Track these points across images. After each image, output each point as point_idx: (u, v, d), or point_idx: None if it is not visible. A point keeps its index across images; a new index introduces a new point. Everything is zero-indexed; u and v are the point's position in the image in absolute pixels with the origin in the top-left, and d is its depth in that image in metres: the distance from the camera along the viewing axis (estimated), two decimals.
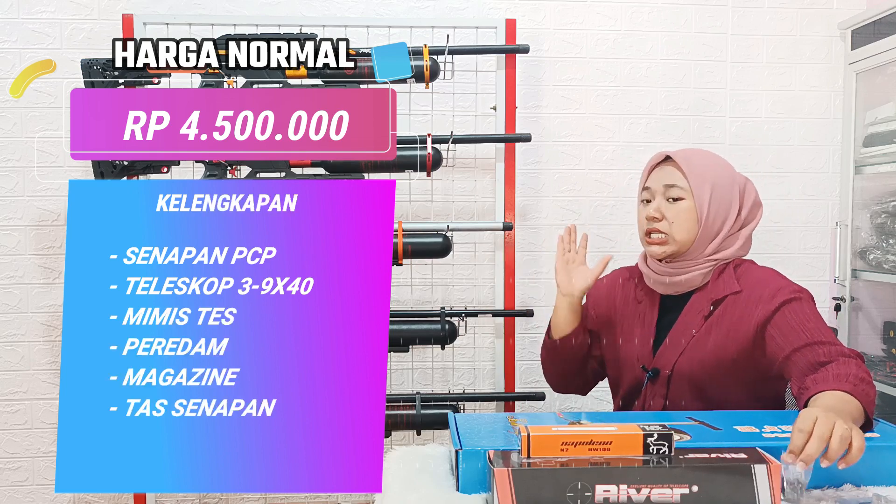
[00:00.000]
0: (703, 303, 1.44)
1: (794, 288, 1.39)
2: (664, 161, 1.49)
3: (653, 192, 1.48)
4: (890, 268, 2.28)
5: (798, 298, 1.37)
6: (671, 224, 1.44)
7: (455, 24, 2.24)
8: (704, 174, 1.45)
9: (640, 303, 1.53)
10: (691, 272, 1.45)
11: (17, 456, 2.37)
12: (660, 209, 1.46)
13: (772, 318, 1.36)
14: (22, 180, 2.32)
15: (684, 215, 1.44)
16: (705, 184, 1.44)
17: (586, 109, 2.46)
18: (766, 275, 1.44)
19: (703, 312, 1.43)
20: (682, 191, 1.44)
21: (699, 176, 1.44)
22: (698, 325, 1.43)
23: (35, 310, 2.35)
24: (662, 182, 1.47)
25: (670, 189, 1.45)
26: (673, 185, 1.45)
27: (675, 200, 1.45)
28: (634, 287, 1.56)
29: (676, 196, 1.45)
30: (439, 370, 2.41)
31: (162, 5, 2.31)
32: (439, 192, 2.37)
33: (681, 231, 1.44)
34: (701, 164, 1.46)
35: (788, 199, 2.53)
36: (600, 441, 0.99)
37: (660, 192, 1.47)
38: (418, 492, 1.08)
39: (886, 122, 2.33)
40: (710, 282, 1.45)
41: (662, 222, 1.45)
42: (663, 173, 1.47)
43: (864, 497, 1.00)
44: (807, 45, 2.52)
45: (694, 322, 1.43)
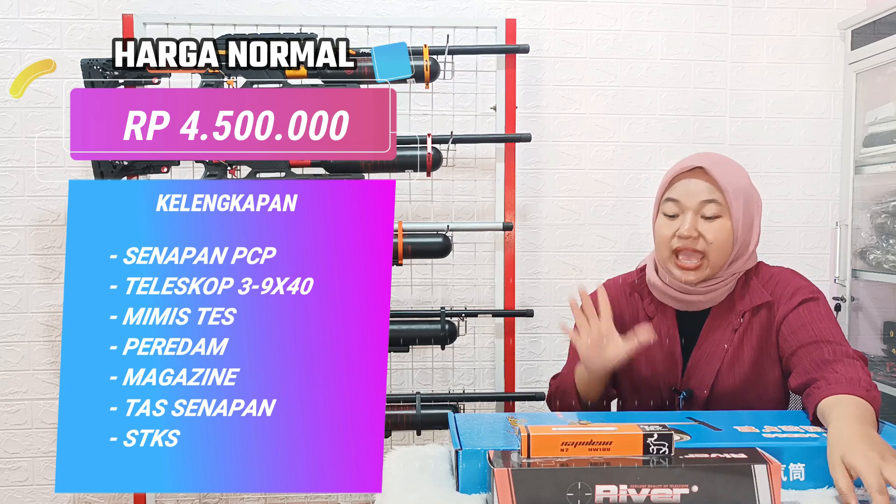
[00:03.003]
0: (731, 315, 1.36)
1: (812, 288, 1.36)
2: (692, 170, 1.34)
3: (682, 206, 1.34)
4: (890, 268, 2.28)
5: (815, 298, 1.34)
6: (709, 244, 1.32)
7: (455, 24, 2.24)
8: (737, 187, 1.33)
9: (653, 318, 1.42)
10: (718, 291, 1.36)
11: (17, 456, 2.37)
12: (695, 227, 1.32)
13: (787, 316, 1.33)
14: (22, 180, 2.32)
15: (723, 236, 1.32)
16: (739, 199, 1.33)
17: (586, 109, 2.46)
18: (785, 275, 1.39)
19: (733, 326, 1.36)
20: (719, 208, 1.32)
21: (735, 190, 1.32)
22: (729, 339, 1.35)
23: (35, 310, 2.35)
24: (698, 197, 1.32)
25: (707, 206, 1.32)
26: (711, 202, 1.32)
27: (711, 219, 1.32)
28: (640, 301, 1.46)
29: (713, 214, 1.32)
30: (439, 370, 2.41)
31: (162, 5, 2.31)
32: (439, 192, 2.37)
33: (718, 253, 1.32)
34: (733, 175, 1.34)
35: (788, 199, 2.53)
36: (600, 441, 0.99)
37: (692, 207, 1.33)
38: (418, 492, 1.08)
39: (886, 122, 2.33)
40: (734, 293, 1.38)
41: (699, 241, 1.32)
42: (695, 185, 1.33)
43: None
44: (807, 45, 2.52)
45: (723, 337, 1.36)
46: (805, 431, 1.14)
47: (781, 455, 1.06)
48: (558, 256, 2.46)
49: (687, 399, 1.37)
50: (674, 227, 1.35)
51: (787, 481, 1.07)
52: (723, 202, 1.32)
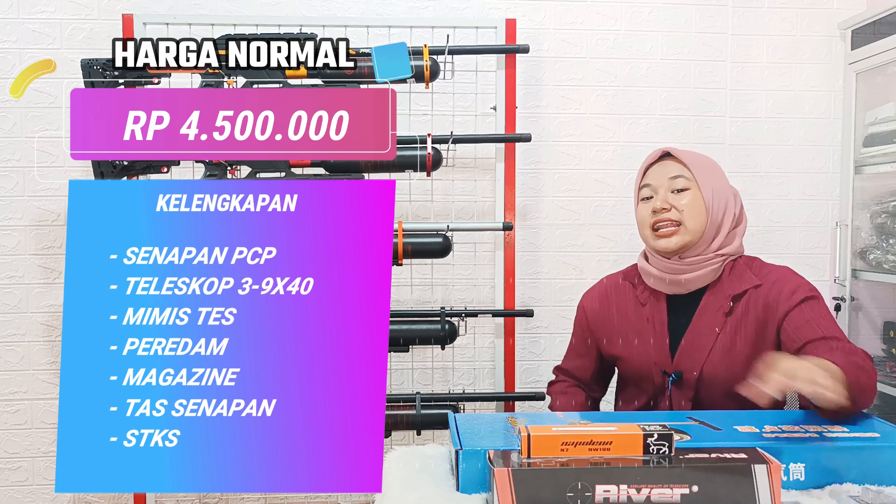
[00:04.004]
0: (721, 299, 1.42)
1: (811, 286, 1.42)
2: (661, 158, 1.49)
3: (654, 188, 1.47)
4: (890, 268, 2.28)
5: (815, 297, 1.40)
6: (682, 212, 1.43)
7: (455, 24, 2.24)
8: (704, 165, 1.46)
9: (645, 305, 1.49)
10: (701, 269, 1.43)
11: (17, 456, 2.37)
12: (667, 200, 1.45)
13: (789, 313, 1.37)
14: (22, 180, 2.32)
15: (693, 203, 1.43)
16: (707, 175, 1.45)
17: (586, 109, 2.46)
18: (784, 272, 1.44)
19: (724, 309, 1.41)
20: (687, 181, 1.44)
21: (701, 167, 1.45)
22: (720, 322, 1.41)
23: (35, 310, 2.35)
24: (666, 175, 1.46)
25: (675, 180, 1.45)
26: (678, 176, 1.45)
27: (681, 191, 1.45)
28: (633, 290, 1.53)
29: (682, 187, 1.45)
30: (439, 370, 2.40)
31: (162, 5, 2.31)
32: (439, 192, 2.36)
33: (692, 218, 1.43)
34: (699, 158, 1.48)
35: (788, 199, 2.53)
36: (600, 441, 0.99)
37: (663, 185, 1.46)
38: (418, 492, 1.08)
39: (886, 122, 2.33)
40: (723, 278, 1.44)
41: (672, 212, 1.44)
42: (664, 168, 1.47)
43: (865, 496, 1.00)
44: (807, 45, 2.52)
45: (714, 320, 1.42)
46: (805, 431, 1.15)
47: (781, 455, 1.06)
48: (558, 256, 2.46)
49: (676, 381, 1.42)
50: (650, 207, 1.47)
51: (787, 481, 1.07)
52: (689, 176, 1.45)
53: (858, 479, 1.07)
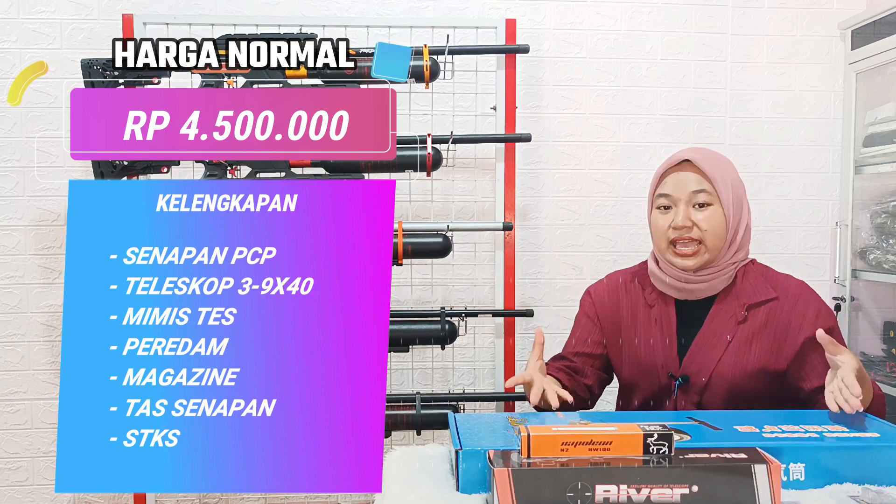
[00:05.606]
0: (735, 307, 1.40)
1: (830, 311, 1.41)
2: (680, 164, 1.41)
3: (674, 199, 1.40)
4: (890, 268, 2.28)
5: (835, 327, 1.39)
6: (704, 231, 1.38)
7: (455, 24, 2.24)
8: (725, 175, 1.40)
9: (653, 307, 1.46)
10: (716, 279, 1.40)
11: (17, 456, 2.37)
12: (688, 217, 1.38)
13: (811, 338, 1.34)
14: (22, 180, 2.32)
15: (715, 220, 1.38)
16: (727, 185, 1.39)
17: (586, 109, 2.46)
18: (803, 290, 1.42)
19: (737, 317, 1.39)
20: (709, 196, 1.38)
21: (722, 178, 1.39)
22: (732, 330, 1.39)
23: (35, 310, 2.35)
24: (688, 188, 1.39)
25: (698, 195, 1.38)
26: (700, 191, 1.38)
27: (703, 206, 1.39)
28: (641, 291, 1.50)
29: (704, 202, 1.38)
30: (439, 370, 2.41)
31: (162, 5, 2.31)
32: (439, 192, 2.37)
33: (713, 238, 1.38)
34: (719, 164, 1.41)
35: (788, 199, 2.53)
36: (600, 441, 0.99)
37: (684, 199, 1.39)
38: (418, 492, 1.08)
39: (886, 122, 2.33)
40: (735, 284, 1.42)
41: (693, 230, 1.38)
42: (684, 178, 1.40)
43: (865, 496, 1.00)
44: (807, 45, 2.52)
45: (726, 327, 1.39)
46: (805, 431, 1.15)
47: (781, 455, 1.06)
48: (558, 256, 2.46)
49: (683, 385, 1.40)
50: (668, 219, 1.41)
51: (787, 481, 1.07)
52: (712, 191, 1.39)
53: (858, 479, 1.07)
